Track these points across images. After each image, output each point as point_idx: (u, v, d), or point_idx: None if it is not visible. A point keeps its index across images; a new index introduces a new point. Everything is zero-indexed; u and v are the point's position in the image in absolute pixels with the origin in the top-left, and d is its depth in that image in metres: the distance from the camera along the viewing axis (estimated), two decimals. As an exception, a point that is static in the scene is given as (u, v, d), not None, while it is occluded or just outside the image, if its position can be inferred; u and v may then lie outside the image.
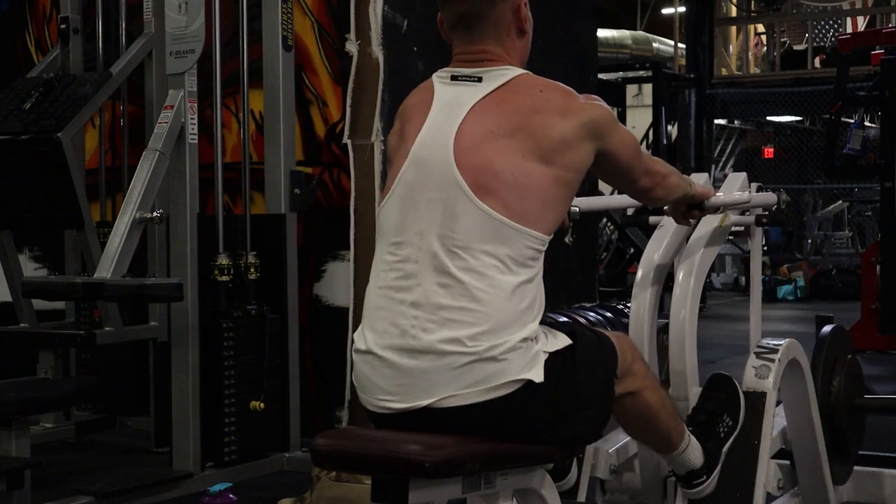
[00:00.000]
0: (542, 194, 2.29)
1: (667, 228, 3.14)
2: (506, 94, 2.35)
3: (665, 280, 3.12)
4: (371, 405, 2.35)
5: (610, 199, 3.62)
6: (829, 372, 3.33)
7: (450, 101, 2.36)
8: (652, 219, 3.24)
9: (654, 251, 3.12)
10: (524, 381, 2.24)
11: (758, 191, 3.20)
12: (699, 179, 2.95)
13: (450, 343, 2.23)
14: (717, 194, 2.88)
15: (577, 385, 2.33)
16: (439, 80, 2.42)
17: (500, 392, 2.23)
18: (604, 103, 2.43)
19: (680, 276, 3.05)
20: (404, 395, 2.27)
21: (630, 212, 3.36)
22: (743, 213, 3.18)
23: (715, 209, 2.87)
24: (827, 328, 3.43)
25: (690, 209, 2.82)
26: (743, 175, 3.28)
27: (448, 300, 2.24)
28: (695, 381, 3.02)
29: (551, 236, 2.34)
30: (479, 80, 2.36)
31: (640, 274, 3.09)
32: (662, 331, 3.15)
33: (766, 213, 3.18)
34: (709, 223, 3.07)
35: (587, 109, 2.36)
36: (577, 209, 2.85)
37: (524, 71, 2.42)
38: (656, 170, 2.61)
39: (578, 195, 2.52)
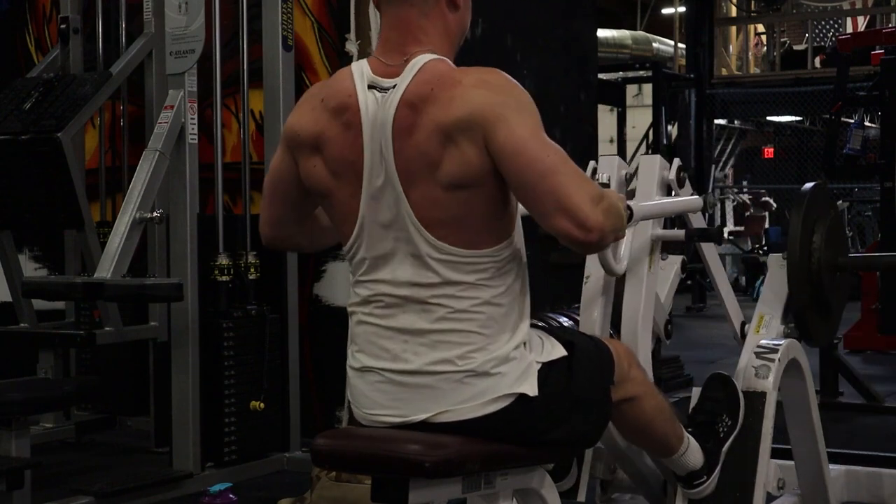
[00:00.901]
0: (472, 216, 2.20)
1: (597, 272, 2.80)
2: (404, 113, 2.18)
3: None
4: (366, 420, 2.34)
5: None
6: (809, 229, 3.11)
7: (376, 121, 2.21)
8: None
9: (592, 294, 2.83)
10: (518, 395, 2.23)
11: (679, 175, 2.89)
12: (610, 166, 2.78)
13: (441, 364, 2.23)
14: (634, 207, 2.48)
15: (573, 394, 2.32)
16: (360, 81, 2.26)
17: (495, 406, 2.23)
18: (504, 88, 2.18)
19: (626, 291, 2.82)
20: (400, 410, 2.27)
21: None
22: (667, 223, 2.89)
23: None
24: (808, 185, 3.18)
25: None
26: (656, 160, 2.90)
27: (433, 324, 2.23)
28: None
29: (511, 236, 2.26)
30: (394, 87, 2.21)
31: (587, 281, 2.85)
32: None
33: (694, 228, 2.91)
34: (638, 269, 2.79)
35: (468, 98, 2.14)
36: None
37: (430, 58, 2.22)
38: (592, 221, 2.14)
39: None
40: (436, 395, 2.23)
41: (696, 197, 2.93)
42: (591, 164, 2.90)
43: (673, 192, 2.92)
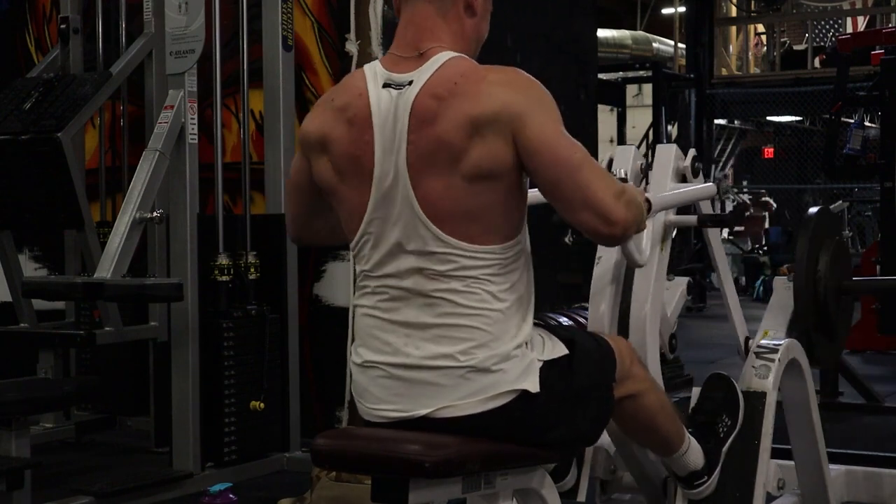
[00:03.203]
0: (485, 210, 2.22)
1: (607, 262, 2.82)
2: (425, 102, 2.21)
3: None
4: (368, 415, 2.35)
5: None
6: (815, 253, 3.17)
7: (389, 117, 2.23)
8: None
9: (602, 275, 2.81)
10: (520, 391, 2.24)
11: (693, 165, 2.91)
12: (625, 158, 2.81)
13: (443, 359, 2.23)
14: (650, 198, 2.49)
15: (574, 393, 2.32)
16: (372, 80, 2.28)
17: (496, 402, 2.23)
18: (528, 86, 2.23)
19: (636, 282, 2.80)
20: (402, 405, 2.27)
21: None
22: (677, 211, 2.88)
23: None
24: (813, 209, 3.27)
25: None
26: (672, 149, 2.92)
27: (436, 319, 2.24)
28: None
29: (519, 234, 2.29)
30: (410, 83, 2.23)
31: (596, 274, 2.83)
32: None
33: (703, 213, 2.94)
34: (650, 254, 2.74)
35: (496, 94, 2.19)
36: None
37: (452, 55, 2.26)
38: (616, 214, 2.22)
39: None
40: (437, 391, 2.23)
41: (710, 184, 2.97)
42: (608, 155, 2.92)
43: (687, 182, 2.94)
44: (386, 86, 2.26)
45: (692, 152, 2.94)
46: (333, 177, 2.32)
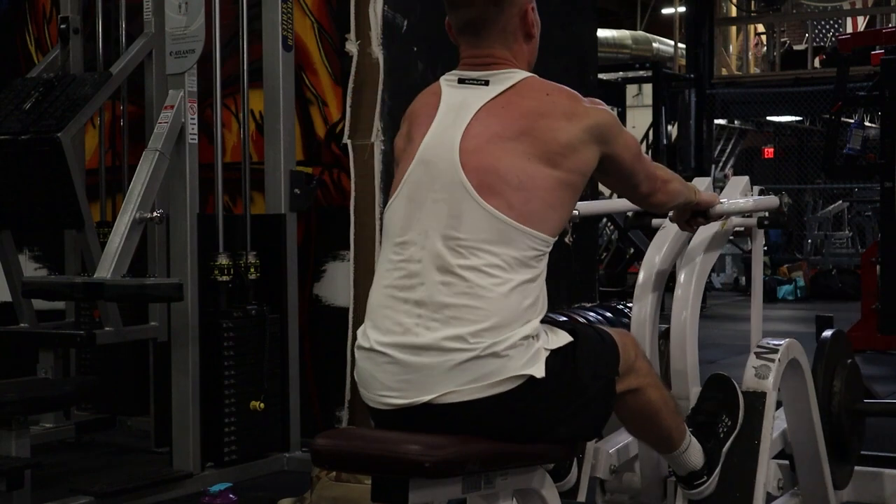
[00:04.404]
0: (546, 196, 2.31)
1: (668, 231, 3.14)
2: (512, 97, 2.37)
3: (666, 282, 3.12)
4: (372, 402, 2.36)
5: (610, 203, 3.61)
6: (830, 376, 3.34)
7: (456, 104, 2.38)
8: (654, 221, 3.24)
9: (656, 254, 3.12)
10: (525, 378, 2.25)
11: (760, 194, 3.21)
12: (701, 185, 2.96)
13: (452, 340, 2.24)
14: (721, 200, 2.89)
15: (578, 381, 2.34)
16: (447, 83, 2.44)
17: (501, 388, 2.24)
18: (607, 108, 2.46)
19: (682, 278, 3.05)
20: (405, 391, 2.28)
21: (631, 214, 3.36)
22: (744, 216, 3.18)
23: (719, 217, 2.88)
24: (827, 333, 3.44)
25: (695, 216, 2.86)
26: (745, 179, 3.31)
27: (452, 298, 2.26)
28: (696, 381, 3.02)
29: (556, 237, 2.36)
30: (486, 83, 2.38)
31: (641, 277, 3.10)
32: (662, 336, 3.15)
33: (767, 214, 3.18)
34: (710, 227, 3.06)
35: (592, 114, 2.38)
36: (577, 212, 2.85)
37: (531, 74, 2.43)
38: (657, 175, 2.62)
39: (580, 199, 2.53)
40: (441, 376, 2.24)
41: (773, 196, 3.24)
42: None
43: None
44: (461, 81, 2.41)
45: (759, 188, 3.30)
46: (402, 146, 2.47)
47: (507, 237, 2.27)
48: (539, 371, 2.26)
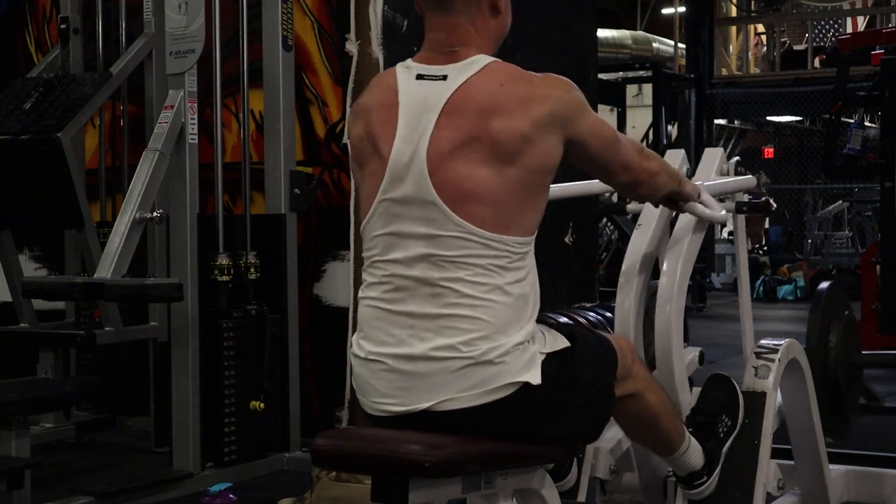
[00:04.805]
0: (512, 202, 2.26)
1: (649, 219, 3.02)
2: (469, 93, 2.28)
3: (652, 269, 3.02)
4: (370, 409, 2.36)
5: (578, 185, 3.33)
6: (826, 329, 3.28)
7: (417, 105, 2.31)
8: (629, 207, 3.16)
9: (639, 242, 3.00)
10: (522, 384, 2.24)
11: (736, 169, 3.10)
12: (675, 159, 2.89)
13: (445, 350, 2.23)
14: (697, 182, 2.78)
15: (577, 383, 2.33)
16: (403, 74, 2.37)
17: (498, 395, 2.24)
18: (572, 88, 2.35)
19: (665, 265, 2.95)
20: (403, 399, 2.28)
21: (608, 197, 3.26)
22: (723, 200, 3.03)
23: (691, 212, 2.75)
24: (823, 285, 3.37)
25: (671, 201, 2.74)
26: (720, 151, 3.16)
27: (441, 309, 2.25)
28: (682, 369, 2.94)
29: (535, 234, 2.33)
30: (444, 77, 2.32)
31: (625, 265, 2.99)
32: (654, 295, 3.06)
33: (748, 199, 3.09)
34: (683, 235, 2.95)
35: (550, 98, 2.29)
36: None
37: (492, 59, 2.34)
38: (643, 167, 2.51)
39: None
40: (438, 384, 2.24)
41: (750, 176, 3.13)
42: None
43: None
44: (419, 77, 2.33)
45: (737, 159, 3.14)
46: (353, 162, 2.41)
47: (485, 247, 2.25)
48: (535, 377, 2.25)
